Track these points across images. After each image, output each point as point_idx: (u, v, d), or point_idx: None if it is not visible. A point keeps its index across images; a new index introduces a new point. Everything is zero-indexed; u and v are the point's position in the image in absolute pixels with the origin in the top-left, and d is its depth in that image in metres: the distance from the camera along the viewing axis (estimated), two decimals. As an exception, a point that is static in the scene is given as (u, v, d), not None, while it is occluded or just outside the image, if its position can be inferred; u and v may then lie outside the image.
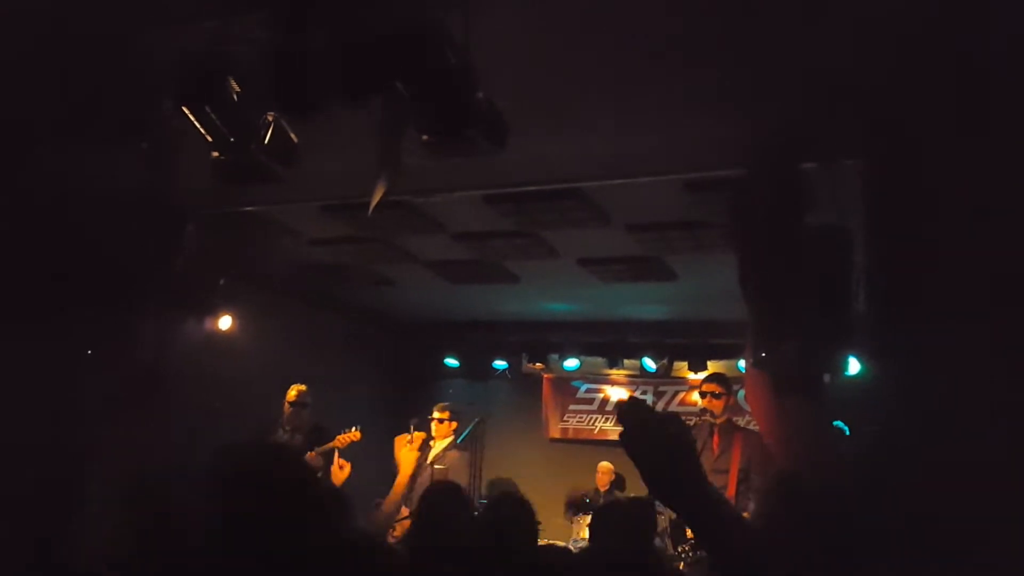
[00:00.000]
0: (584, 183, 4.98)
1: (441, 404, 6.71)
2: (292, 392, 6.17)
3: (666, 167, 4.56)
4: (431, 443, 6.48)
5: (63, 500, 3.67)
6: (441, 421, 6.50)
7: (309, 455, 5.95)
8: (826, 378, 4.28)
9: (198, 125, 3.53)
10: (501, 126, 3.13)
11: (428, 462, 6.38)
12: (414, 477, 6.25)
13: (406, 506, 5.43)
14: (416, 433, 5.94)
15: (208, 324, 6.24)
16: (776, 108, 3.80)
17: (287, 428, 6.13)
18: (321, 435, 6.14)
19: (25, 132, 4.24)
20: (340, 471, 5.78)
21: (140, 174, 4.49)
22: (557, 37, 3.54)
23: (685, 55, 3.57)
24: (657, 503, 3.63)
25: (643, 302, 7.88)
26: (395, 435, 6.70)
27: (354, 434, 6.16)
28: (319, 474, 5.80)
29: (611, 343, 8.86)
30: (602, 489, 7.86)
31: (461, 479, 6.45)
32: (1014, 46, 3.24)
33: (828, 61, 3.47)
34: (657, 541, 5.56)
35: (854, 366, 5.14)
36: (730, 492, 5.25)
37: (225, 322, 6.59)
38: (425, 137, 3.15)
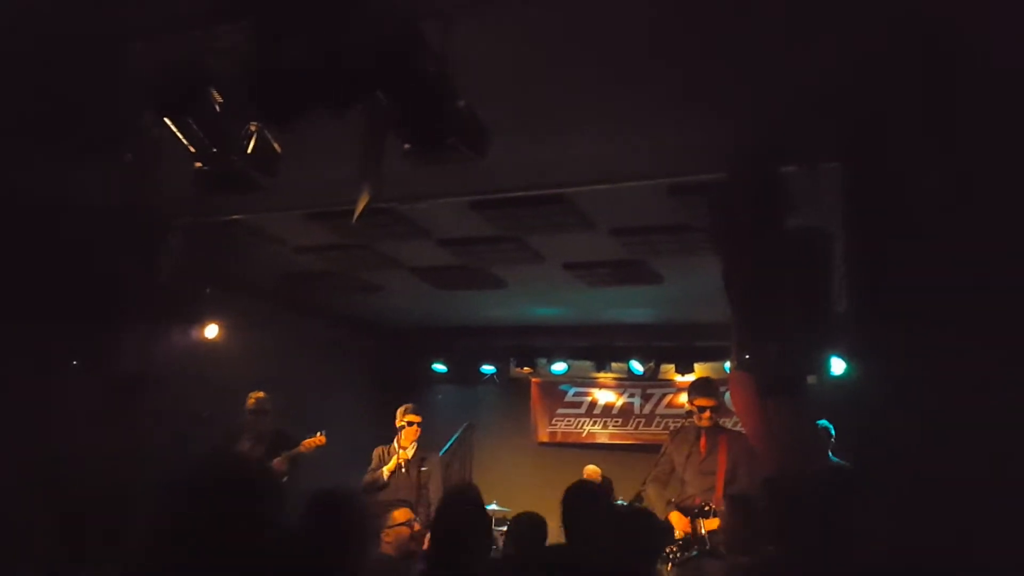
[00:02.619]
0: (568, 188, 5.01)
1: (409, 406, 6.74)
2: (251, 400, 6.16)
3: (649, 171, 4.59)
4: (400, 446, 6.54)
5: (48, 508, 3.66)
6: (411, 424, 6.57)
7: (275, 463, 5.95)
8: (809, 379, 4.31)
9: (180, 136, 3.53)
10: (482, 134, 3.15)
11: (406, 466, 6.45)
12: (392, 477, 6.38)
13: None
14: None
15: (194, 333, 6.23)
16: (756, 113, 3.84)
17: (249, 436, 6.11)
18: (284, 442, 6.13)
19: (7, 144, 4.23)
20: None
21: (124, 185, 4.49)
22: (539, 44, 3.56)
23: (666, 61, 3.60)
24: None
25: (629, 305, 7.91)
26: (383, 441, 6.73)
27: (319, 439, 6.17)
28: (284, 479, 5.82)
29: (598, 347, 8.90)
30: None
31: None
32: (988, 43, 3.28)
33: (807, 66, 3.51)
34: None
35: (838, 366, 5.19)
36: (718, 493, 5.27)
37: (211, 330, 6.58)
38: (407, 145, 3.17)
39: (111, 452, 4.56)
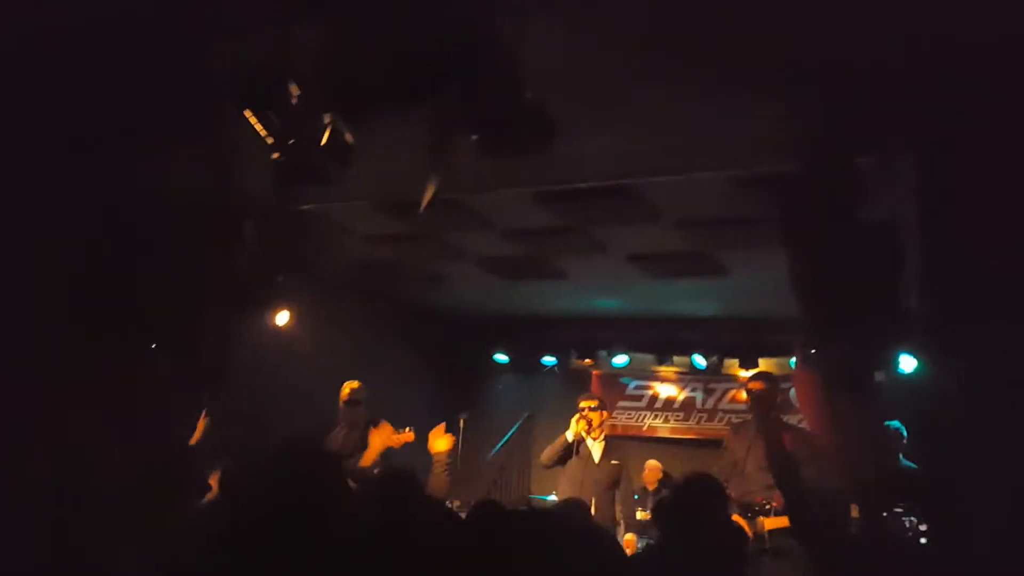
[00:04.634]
0: (634, 180, 5.01)
1: (588, 394, 6.88)
2: (345, 390, 6.22)
3: (718, 163, 4.56)
4: (590, 435, 6.57)
5: (126, 495, 3.82)
6: (594, 409, 6.60)
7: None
8: (878, 376, 4.24)
9: (260, 128, 3.66)
10: (549, 125, 3.19)
11: (599, 460, 6.50)
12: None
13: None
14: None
15: (267, 320, 6.41)
16: (828, 103, 3.79)
17: (343, 425, 6.21)
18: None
19: (88, 137, 4.39)
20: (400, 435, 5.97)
21: (200, 177, 4.65)
22: (605, 36, 3.58)
23: (736, 51, 3.58)
24: None
25: (693, 298, 7.85)
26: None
27: (408, 434, 6.17)
28: (375, 469, 5.91)
29: (660, 340, 8.82)
30: (650, 488, 7.80)
31: None
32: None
33: (880, 55, 3.45)
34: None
35: (908, 364, 5.07)
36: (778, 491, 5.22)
37: (283, 317, 6.76)
38: (475, 137, 3.22)
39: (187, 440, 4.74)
